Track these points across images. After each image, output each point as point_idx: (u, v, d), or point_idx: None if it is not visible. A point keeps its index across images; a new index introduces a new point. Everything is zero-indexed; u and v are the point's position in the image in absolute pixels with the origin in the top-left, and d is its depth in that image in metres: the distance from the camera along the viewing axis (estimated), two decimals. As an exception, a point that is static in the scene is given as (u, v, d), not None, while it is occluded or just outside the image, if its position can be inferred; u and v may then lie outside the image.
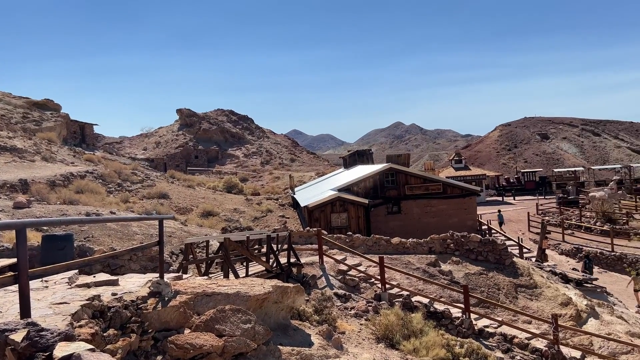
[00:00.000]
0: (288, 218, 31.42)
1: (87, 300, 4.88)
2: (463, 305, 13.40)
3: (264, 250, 13.14)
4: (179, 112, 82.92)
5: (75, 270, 6.65)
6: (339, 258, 15.79)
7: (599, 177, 66.10)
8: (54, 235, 10.30)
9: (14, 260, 7.70)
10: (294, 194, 36.53)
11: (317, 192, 31.46)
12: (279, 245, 13.76)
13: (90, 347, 3.16)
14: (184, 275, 8.37)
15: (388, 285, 14.17)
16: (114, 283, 6.12)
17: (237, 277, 10.00)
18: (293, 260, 13.98)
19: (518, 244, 25.00)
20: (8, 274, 5.97)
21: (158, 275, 6.58)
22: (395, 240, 18.20)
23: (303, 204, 28.12)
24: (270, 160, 73.99)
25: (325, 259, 15.40)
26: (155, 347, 5.35)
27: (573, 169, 66.79)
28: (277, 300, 7.07)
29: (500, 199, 52.15)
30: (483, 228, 30.78)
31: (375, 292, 13.97)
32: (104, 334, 4.62)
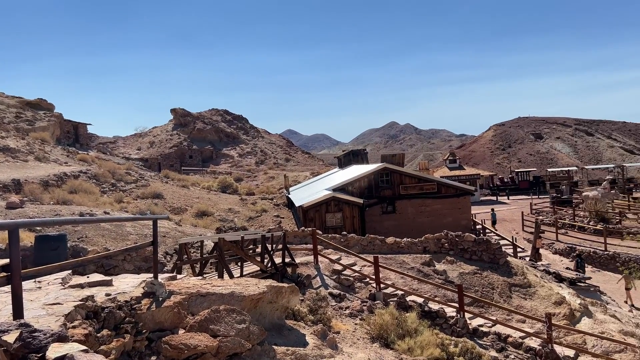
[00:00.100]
0: (283, 218, 31.40)
1: (80, 301, 4.85)
2: (457, 305, 13.45)
3: (259, 250, 13.12)
4: (173, 111, 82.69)
5: (69, 271, 6.62)
6: (334, 258, 15.80)
7: (592, 176, 66.48)
8: (47, 236, 10.23)
9: (7, 261, 7.65)
10: (289, 194, 36.50)
11: (311, 192, 31.44)
12: (274, 245, 13.76)
13: (84, 348, 3.15)
14: (179, 276, 8.34)
15: (383, 285, 14.20)
16: (108, 283, 6.09)
17: (231, 277, 9.99)
18: (288, 260, 13.98)
19: (512, 244, 25.09)
20: (1, 275, 5.95)
21: (152, 276, 6.55)
22: (390, 240, 18.23)
23: (298, 204, 28.10)
24: (265, 160, 73.91)
25: (320, 259, 15.41)
26: (150, 347, 5.33)
27: (566, 169, 67.15)
28: (271, 300, 7.07)
29: (495, 199, 52.34)
30: (477, 228, 30.85)
31: (370, 291, 13.99)
32: (98, 335, 4.59)
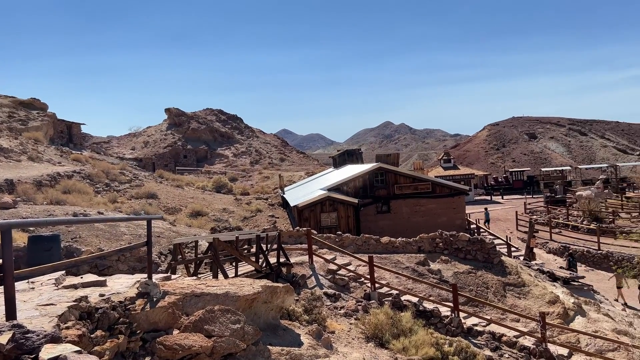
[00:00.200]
0: (278, 218, 31.37)
1: (74, 302, 4.82)
2: (452, 304, 13.49)
3: (254, 250, 13.11)
4: (168, 111, 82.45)
5: (63, 271, 6.59)
6: (329, 257, 15.81)
7: (586, 176, 66.83)
8: (41, 236, 10.17)
9: None
10: (284, 194, 36.48)
11: (306, 191, 31.44)
12: (269, 245, 13.74)
13: (77, 348, 3.13)
14: (173, 276, 8.31)
15: (377, 285, 14.22)
16: (102, 284, 6.06)
17: (226, 277, 9.97)
18: (283, 260, 13.97)
19: (506, 243, 25.16)
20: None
21: (146, 276, 6.52)
22: (385, 240, 18.25)
23: (293, 204, 28.09)
24: (260, 160, 73.83)
25: (315, 259, 15.40)
26: (144, 348, 5.31)
27: (560, 168, 67.46)
28: (266, 300, 7.06)
29: (489, 198, 52.50)
30: (472, 227, 30.94)
31: (365, 291, 14.00)
32: (92, 336, 4.57)
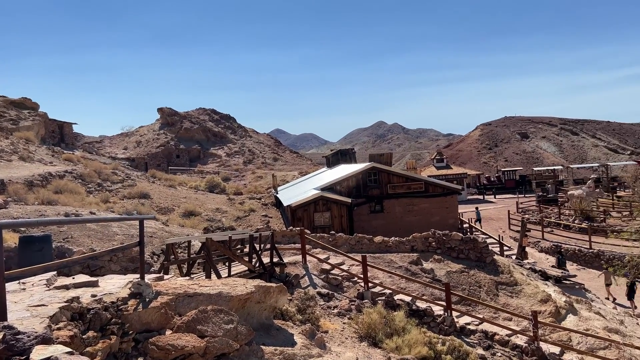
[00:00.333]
0: (271, 217, 31.33)
1: (65, 302, 4.80)
2: (445, 303, 13.53)
3: (247, 250, 13.09)
4: (160, 111, 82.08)
5: (54, 272, 6.55)
6: (322, 257, 15.81)
7: (577, 175, 67.19)
8: (32, 237, 10.09)
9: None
10: (277, 194, 36.45)
11: (300, 191, 31.42)
12: (262, 245, 13.73)
13: (68, 350, 3.11)
14: (166, 276, 8.28)
15: (371, 284, 14.24)
16: (94, 284, 6.03)
17: (219, 277, 9.95)
18: (276, 260, 13.96)
19: (499, 242, 25.27)
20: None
21: (139, 276, 6.49)
22: (378, 239, 18.28)
23: (286, 204, 28.07)
24: (253, 160, 73.69)
25: (309, 258, 15.41)
26: (136, 348, 5.29)
27: (552, 168, 67.85)
28: (259, 300, 7.05)
29: (481, 198, 52.74)
30: (464, 226, 31.07)
31: (358, 290, 14.02)
32: (83, 336, 4.55)
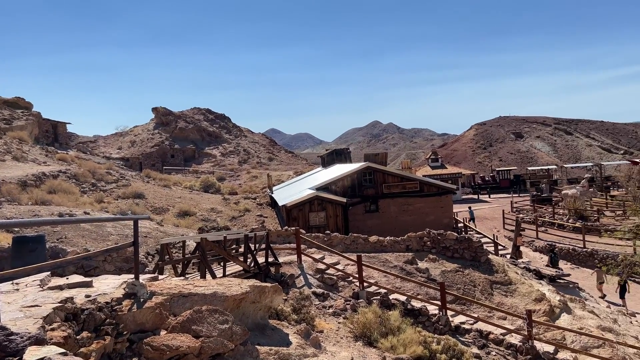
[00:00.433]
0: (266, 217, 31.30)
1: (59, 303, 4.77)
2: (440, 303, 13.56)
3: (242, 250, 13.07)
4: (155, 110, 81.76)
5: (48, 272, 6.51)
6: (317, 257, 15.81)
7: (571, 175, 67.46)
8: (25, 237, 10.03)
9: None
10: (272, 193, 36.40)
11: (295, 191, 31.39)
12: (257, 245, 13.70)
13: (62, 350, 3.10)
14: (160, 276, 8.26)
15: (366, 284, 14.25)
16: (88, 285, 6.00)
17: (214, 277, 9.93)
18: (271, 260, 13.94)
19: (493, 242, 25.36)
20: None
21: (133, 277, 6.47)
22: (373, 239, 18.30)
23: (281, 203, 28.04)
24: (248, 159, 73.56)
25: (304, 258, 15.40)
26: (131, 349, 5.28)
27: (546, 167, 68.08)
28: (254, 300, 7.04)
29: (476, 197, 52.89)
30: (459, 226, 31.14)
31: (354, 290, 14.03)
32: (77, 337, 4.53)
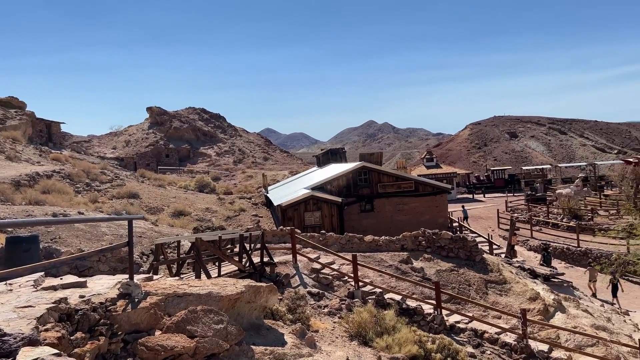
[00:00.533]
0: (261, 217, 31.27)
1: (53, 303, 4.75)
2: (435, 302, 13.59)
3: (237, 250, 13.05)
4: (150, 110, 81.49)
5: (41, 273, 6.47)
6: (313, 257, 15.82)
7: (566, 174, 67.76)
8: (19, 237, 9.99)
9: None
10: (267, 193, 36.38)
11: (290, 190, 31.38)
12: (252, 245, 13.70)
13: (56, 351, 3.08)
14: (155, 276, 8.23)
15: (361, 283, 14.26)
16: (82, 285, 5.97)
17: (209, 277, 9.91)
18: (266, 260, 13.93)
19: (488, 241, 25.42)
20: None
21: (128, 277, 6.44)
22: (368, 238, 18.32)
23: (276, 203, 28.02)
24: (243, 159, 73.44)
25: (299, 258, 15.40)
26: (125, 349, 5.26)
27: (541, 167, 68.36)
28: (249, 300, 7.03)
29: (471, 197, 53.02)
30: (454, 225, 31.21)
31: (349, 289, 14.04)
32: (71, 338, 4.50)
